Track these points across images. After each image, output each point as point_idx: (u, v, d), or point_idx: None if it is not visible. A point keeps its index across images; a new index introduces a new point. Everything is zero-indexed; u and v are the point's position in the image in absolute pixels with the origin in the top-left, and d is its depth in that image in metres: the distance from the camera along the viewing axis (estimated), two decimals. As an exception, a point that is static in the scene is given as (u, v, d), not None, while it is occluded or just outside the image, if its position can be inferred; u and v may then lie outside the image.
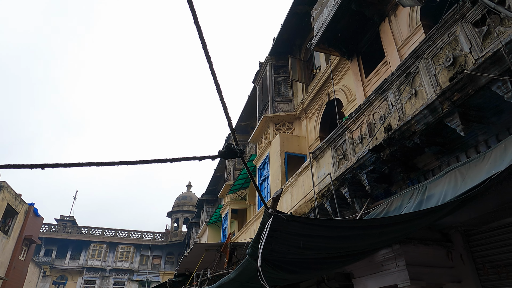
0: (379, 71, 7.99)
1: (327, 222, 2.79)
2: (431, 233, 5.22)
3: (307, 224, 2.65)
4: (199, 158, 1.47)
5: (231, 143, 1.47)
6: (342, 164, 6.91)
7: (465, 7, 4.28)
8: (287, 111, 12.62)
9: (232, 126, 1.39)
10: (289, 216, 2.28)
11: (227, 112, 1.32)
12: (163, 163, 1.38)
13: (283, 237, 2.52)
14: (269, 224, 2.17)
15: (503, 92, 3.88)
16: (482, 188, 3.18)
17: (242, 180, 16.18)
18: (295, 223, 2.45)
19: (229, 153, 1.44)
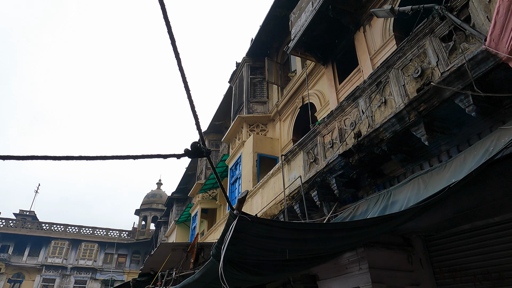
0: (352, 78, 8.19)
1: (291, 225, 2.81)
2: (394, 237, 5.40)
3: (272, 226, 2.67)
4: (164, 156, 1.43)
5: (197, 142, 1.45)
6: (312, 167, 7.02)
7: (434, 22, 4.47)
8: (262, 113, 12.67)
9: (199, 125, 1.37)
10: (254, 218, 2.27)
11: (194, 110, 1.29)
12: (126, 159, 1.33)
13: (247, 238, 2.52)
14: (233, 226, 2.16)
15: (465, 106, 4.08)
16: (441, 196, 3.33)
17: (213, 180, 16.06)
18: (259, 225, 2.45)
19: (196, 153, 1.42)
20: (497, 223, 4.24)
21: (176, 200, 25.80)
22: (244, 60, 13.87)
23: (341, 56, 9.03)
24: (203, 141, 1.45)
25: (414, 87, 4.73)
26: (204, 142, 1.44)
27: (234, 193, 12.22)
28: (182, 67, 1.18)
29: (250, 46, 13.55)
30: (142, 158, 1.36)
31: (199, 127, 1.39)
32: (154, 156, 1.41)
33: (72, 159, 1.28)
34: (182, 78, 1.20)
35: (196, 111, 1.30)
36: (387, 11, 5.06)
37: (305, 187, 7.02)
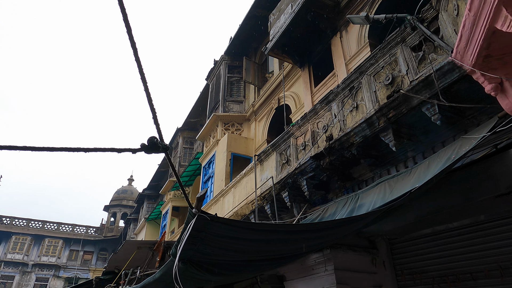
0: (327, 82, 8.32)
1: (252, 225, 2.80)
2: (360, 240, 5.52)
3: (233, 226, 2.64)
4: (118, 150, 1.36)
5: (154, 137, 1.39)
6: (284, 168, 7.06)
7: (405, 32, 4.61)
8: (238, 112, 12.63)
9: (156, 118, 1.32)
10: (213, 217, 2.24)
11: (151, 101, 1.23)
12: (76, 152, 1.25)
13: (208, 238, 2.48)
14: (191, 224, 2.11)
15: (431, 114, 4.23)
16: (403, 200, 3.42)
17: (186, 178, 15.85)
18: (220, 224, 2.42)
19: (152, 148, 1.36)
20: (455, 228, 4.42)
21: (148, 197, 25.27)
22: (222, 58, 13.77)
23: (318, 60, 9.15)
24: (161, 135, 1.40)
25: (384, 93, 4.85)
26: (162, 137, 1.39)
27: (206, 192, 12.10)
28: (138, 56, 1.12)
29: (229, 45, 13.47)
30: (94, 151, 1.29)
31: (157, 120, 1.33)
32: (107, 150, 1.34)
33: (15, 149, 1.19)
34: (139, 69, 1.15)
35: (153, 103, 1.25)
36: (362, 18, 5.17)
37: (276, 188, 7.05)
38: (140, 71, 1.15)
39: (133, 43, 1.10)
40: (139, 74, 1.17)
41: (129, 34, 1.07)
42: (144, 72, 1.17)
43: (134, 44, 1.11)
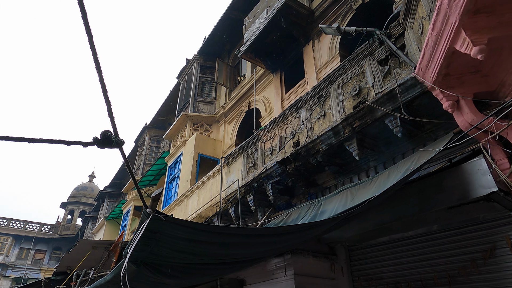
0: (297, 89, 8.43)
1: (210, 228, 2.74)
2: (320, 246, 5.61)
3: (189, 228, 2.57)
4: (67, 143, 1.27)
5: (108, 131, 1.32)
6: (251, 172, 7.06)
7: (374, 45, 4.77)
8: (208, 113, 12.50)
9: (112, 111, 1.25)
10: (169, 218, 2.17)
11: (106, 94, 1.17)
12: (19, 142, 1.15)
13: (164, 239, 2.40)
14: (145, 225, 2.03)
15: (393, 126, 4.40)
16: (361, 208, 3.51)
17: (151, 177, 15.43)
18: (176, 226, 2.35)
19: (105, 142, 1.29)
20: (410, 237, 4.61)
21: (109, 195, 24.34)
22: (195, 58, 13.60)
23: (290, 66, 9.27)
24: (116, 130, 1.33)
25: (351, 104, 4.99)
26: (116, 131, 1.32)
27: (170, 192, 11.84)
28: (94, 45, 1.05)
29: (203, 45, 13.34)
30: (40, 142, 1.19)
31: (111, 113, 1.26)
32: (54, 142, 1.24)
33: None
34: (94, 58, 1.08)
35: (108, 95, 1.18)
36: (334, 29, 5.29)
37: (241, 191, 7.02)
38: (95, 59, 1.08)
39: (88, 29, 1.02)
40: (94, 64, 1.09)
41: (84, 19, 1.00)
42: (99, 62, 1.10)
43: (90, 30, 1.03)
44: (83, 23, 1.01)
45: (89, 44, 1.04)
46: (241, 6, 11.23)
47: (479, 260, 3.86)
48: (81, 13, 1.00)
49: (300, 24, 8.40)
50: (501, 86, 3.51)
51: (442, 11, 3.01)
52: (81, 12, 1.00)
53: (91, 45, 1.05)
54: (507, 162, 3.44)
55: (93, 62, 1.08)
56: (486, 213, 3.80)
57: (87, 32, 1.02)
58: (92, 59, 1.07)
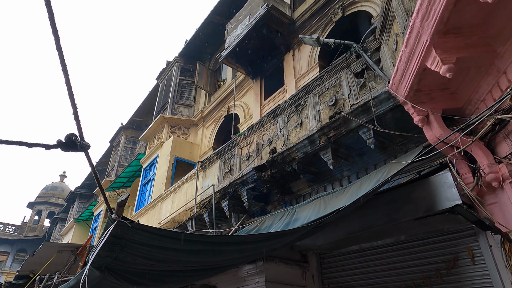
0: (276, 97, 8.51)
1: (178, 235, 2.70)
2: (292, 253, 5.64)
3: (156, 234, 2.53)
4: (28, 145, 1.22)
5: (73, 134, 1.28)
6: (227, 177, 7.03)
7: (351, 58, 4.90)
8: (186, 116, 12.38)
9: (77, 114, 1.21)
10: (135, 224, 2.13)
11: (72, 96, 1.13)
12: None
13: (129, 246, 2.34)
14: (109, 231, 1.99)
15: (367, 138, 4.51)
16: (333, 217, 3.57)
17: (124, 179, 15.05)
18: (142, 232, 2.31)
19: (70, 146, 1.25)
20: (379, 246, 4.72)
21: (80, 196, 23.55)
22: (175, 60, 13.48)
23: (270, 74, 9.35)
24: (81, 133, 1.29)
25: (327, 114, 5.08)
26: (82, 135, 1.29)
27: (144, 195, 11.60)
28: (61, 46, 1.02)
29: (184, 47, 13.25)
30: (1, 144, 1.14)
31: (77, 116, 1.22)
32: (15, 143, 1.19)
33: None
34: (60, 59, 1.05)
35: (74, 97, 1.14)
36: (314, 40, 5.40)
37: (217, 196, 6.98)
38: (61, 61, 1.05)
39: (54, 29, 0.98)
40: (60, 64, 1.06)
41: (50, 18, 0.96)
42: (65, 63, 1.07)
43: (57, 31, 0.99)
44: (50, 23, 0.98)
45: (55, 45, 1.01)
46: (224, 11, 11.26)
47: (443, 270, 4.00)
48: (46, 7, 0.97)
49: (281, 32, 8.51)
50: (467, 104, 3.68)
51: (415, 30, 3.14)
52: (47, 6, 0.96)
53: (57, 46, 1.01)
54: (471, 176, 3.60)
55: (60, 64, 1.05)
56: (450, 225, 3.94)
57: (53, 32, 0.98)
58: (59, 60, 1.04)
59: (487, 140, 3.48)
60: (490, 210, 3.44)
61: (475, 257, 3.75)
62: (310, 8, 8.17)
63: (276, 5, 8.52)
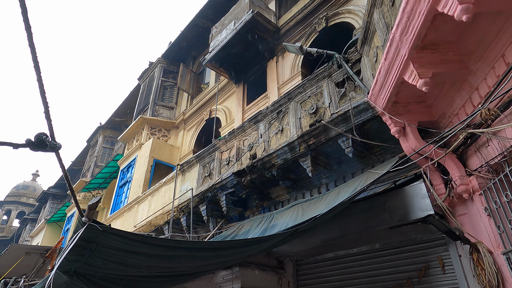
0: (259, 102, 8.54)
1: (151, 240, 2.64)
2: (269, 259, 5.63)
3: (128, 239, 2.46)
4: (-6, 143, 1.17)
5: (44, 134, 1.24)
6: (206, 181, 6.98)
7: (332, 68, 4.98)
8: (167, 118, 12.23)
9: (49, 113, 1.17)
10: (106, 228, 2.07)
11: (44, 94, 1.09)
12: None
13: (100, 250, 2.27)
14: (79, 234, 1.92)
15: (345, 146, 4.59)
16: (309, 224, 3.60)
17: (101, 180, 14.68)
18: (114, 236, 2.25)
19: (39, 145, 1.21)
20: (354, 254, 4.78)
21: (53, 196, 22.78)
22: (158, 61, 13.34)
23: (253, 79, 9.38)
24: (52, 133, 1.25)
25: (308, 121, 5.14)
26: (53, 135, 1.24)
27: (120, 197, 11.34)
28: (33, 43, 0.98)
29: (168, 49, 13.13)
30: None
31: (49, 115, 1.18)
32: (-20, 141, 1.14)
33: None
34: (32, 56, 1.01)
35: (45, 95, 1.10)
36: (297, 48, 5.46)
37: (195, 200, 6.91)
38: (33, 57, 1.01)
39: (27, 26, 0.94)
40: (32, 61, 1.02)
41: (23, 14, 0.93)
42: (38, 60, 1.03)
43: (29, 28, 0.95)
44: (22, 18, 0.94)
45: (28, 41, 0.97)
46: (210, 15, 11.26)
47: (414, 278, 4.09)
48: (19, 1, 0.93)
49: (266, 39, 8.57)
50: (442, 117, 3.81)
51: (394, 43, 3.23)
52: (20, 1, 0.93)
53: (30, 43, 0.97)
54: (444, 187, 3.72)
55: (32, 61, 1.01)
56: (423, 234, 4.05)
57: (26, 28, 0.95)
58: (31, 57, 1.00)
59: (459, 153, 3.61)
60: (460, 221, 3.56)
61: (445, 266, 3.86)
62: (295, 16, 8.28)
63: (262, 11, 8.59)
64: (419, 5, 2.72)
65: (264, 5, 9.16)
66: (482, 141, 3.29)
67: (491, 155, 3.18)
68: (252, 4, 8.58)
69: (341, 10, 7.24)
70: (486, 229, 3.25)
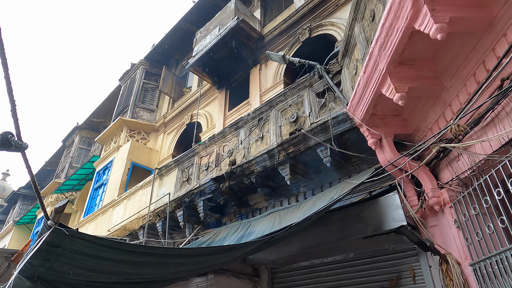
0: (241, 109, 8.55)
1: (120, 245, 2.55)
2: (245, 267, 5.60)
3: (96, 244, 2.39)
4: (-45, 141, 1.12)
5: (9, 133, 1.19)
6: (184, 186, 6.89)
7: (314, 78, 5.06)
8: (147, 121, 12.05)
9: (16, 113, 1.12)
10: (73, 232, 2.00)
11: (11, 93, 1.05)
12: None
13: (66, 255, 2.19)
14: (43, 238, 1.85)
15: (324, 156, 4.64)
16: (284, 232, 3.61)
17: (75, 181, 14.22)
18: (81, 240, 2.17)
19: (4, 144, 1.16)
20: (329, 263, 4.82)
21: (24, 196, 21.86)
22: (140, 62, 13.16)
23: (236, 85, 9.40)
24: (19, 132, 1.20)
25: (288, 130, 5.18)
26: (19, 134, 1.20)
27: (95, 200, 11.02)
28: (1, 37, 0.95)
29: (151, 51, 12.98)
30: None
31: (15, 113, 1.13)
32: None
33: None
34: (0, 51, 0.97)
35: (13, 94, 1.06)
36: (280, 57, 5.53)
37: (172, 205, 6.80)
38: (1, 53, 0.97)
39: None
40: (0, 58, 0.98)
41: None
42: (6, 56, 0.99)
43: None
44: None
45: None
46: (195, 19, 11.24)
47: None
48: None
49: (250, 46, 8.62)
50: (416, 131, 3.93)
51: (373, 57, 3.32)
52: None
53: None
54: (417, 199, 3.82)
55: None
56: (395, 245, 4.13)
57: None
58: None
59: (432, 166, 3.72)
60: (431, 232, 3.66)
61: (416, 276, 3.95)
62: (279, 26, 8.38)
63: (247, 19, 8.65)
64: (398, 22, 2.81)
65: (249, 12, 9.24)
66: (454, 155, 3.41)
67: (461, 169, 3.30)
68: (237, 11, 8.64)
69: (324, 22, 7.39)
70: (455, 241, 3.36)
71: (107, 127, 12.36)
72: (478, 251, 3.03)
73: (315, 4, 7.61)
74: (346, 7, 6.98)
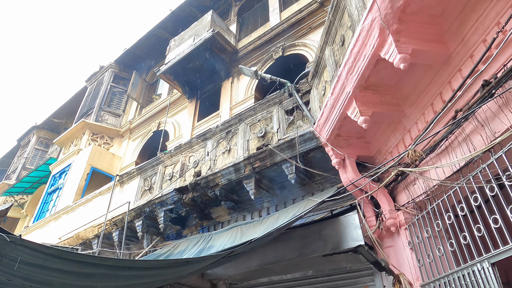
0: (210, 120, 8.50)
1: (67, 254, 2.38)
2: (202, 281, 5.46)
3: (41, 252, 2.22)
4: None
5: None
6: (145, 195, 6.67)
7: (284, 95, 5.16)
8: (112, 125, 11.64)
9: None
10: (15, 239, 1.86)
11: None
12: None
13: (6, 263, 2.02)
14: None
15: (289, 172, 4.70)
16: (244, 248, 3.57)
17: (27, 184, 13.34)
18: (24, 248, 2.02)
19: None
20: (288, 280, 4.82)
21: (-33, 197, 20.15)
22: (110, 65, 12.79)
23: (207, 96, 9.35)
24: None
25: (255, 144, 5.21)
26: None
27: (48, 204, 10.37)
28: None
29: (122, 54, 12.68)
30: None
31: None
32: None
33: None
34: None
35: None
36: (252, 72, 5.59)
37: (131, 214, 6.55)
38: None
39: None
40: None
41: None
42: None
43: None
44: None
45: None
46: (170, 27, 11.15)
47: (342, 307, 4.20)
48: None
49: (223, 59, 8.66)
50: (378, 154, 4.09)
51: (340, 80, 3.45)
52: None
53: None
54: (375, 219, 3.94)
55: None
56: (353, 264, 4.21)
57: None
58: None
59: (390, 189, 3.87)
60: (386, 253, 3.77)
61: (371, 295, 4.03)
62: (254, 42, 8.51)
63: (222, 32, 8.71)
64: (365, 48, 2.94)
65: (225, 26, 9.32)
66: (410, 179, 3.57)
67: (417, 192, 3.46)
68: (213, 23, 8.69)
69: (297, 43, 7.60)
70: (408, 262, 3.48)
71: (68, 129, 11.80)
72: (429, 272, 3.16)
73: (290, 24, 7.83)
74: (319, 30, 7.23)
